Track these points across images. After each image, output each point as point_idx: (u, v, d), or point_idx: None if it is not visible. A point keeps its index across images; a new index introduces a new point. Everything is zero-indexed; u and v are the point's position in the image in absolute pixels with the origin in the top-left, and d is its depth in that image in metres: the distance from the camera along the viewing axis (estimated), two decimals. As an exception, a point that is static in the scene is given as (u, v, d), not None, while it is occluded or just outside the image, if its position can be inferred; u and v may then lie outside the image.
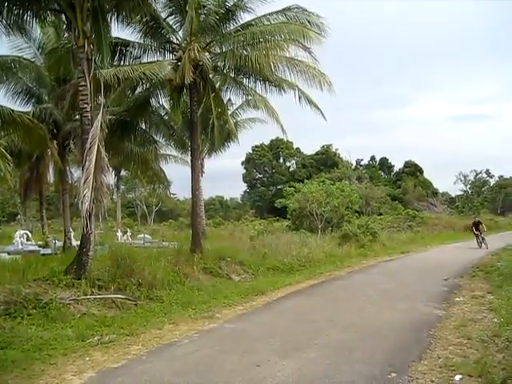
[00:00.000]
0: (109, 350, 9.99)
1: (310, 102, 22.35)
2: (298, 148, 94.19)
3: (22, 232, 34.04)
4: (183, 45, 21.23)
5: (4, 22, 16.69)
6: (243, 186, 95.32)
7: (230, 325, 12.46)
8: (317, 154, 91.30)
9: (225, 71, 22.60)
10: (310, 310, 14.27)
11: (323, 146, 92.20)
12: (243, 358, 9.26)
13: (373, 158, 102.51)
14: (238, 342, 10.60)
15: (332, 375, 8.18)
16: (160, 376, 8.26)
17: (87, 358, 9.36)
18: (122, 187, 65.06)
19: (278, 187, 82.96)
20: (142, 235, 42.45)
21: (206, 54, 21.06)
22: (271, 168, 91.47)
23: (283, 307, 15.07)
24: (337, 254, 29.64)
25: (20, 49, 24.59)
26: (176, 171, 62.33)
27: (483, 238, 37.46)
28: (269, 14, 21.22)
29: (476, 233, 38.16)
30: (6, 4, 15.96)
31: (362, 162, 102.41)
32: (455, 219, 63.78)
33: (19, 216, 55.16)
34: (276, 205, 51.19)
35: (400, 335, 11.08)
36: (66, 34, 20.07)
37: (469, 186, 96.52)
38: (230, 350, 9.90)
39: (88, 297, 13.56)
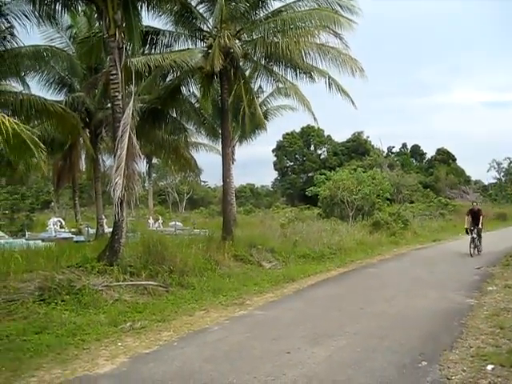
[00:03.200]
0: (140, 335, 10.10)
1: (341, 89, 22.18)
2: (329, 135, 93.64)
3: (55, 219, 34.58)
4: (213, 32, 21.20)
5: (36, 12, 16.88)
6: (274, 174, 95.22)
7: (261, 312, 12.51)
8: (348, 141, 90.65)
9: (255, 58, 22.49)
10: (340, 298, 14.26)
11: (354, 134, 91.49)
12: (273, 344, 9.30)
13: (404, 146, 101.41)
14: (268, 328, 10.64)
15: (362, 363, 8.17)
16: (191, 362, 8.33)
17: (119, 344, 9.49)
18: (154, 175, 65.50)
19: (309, 175, 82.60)
20: (174, 222, 42.75)
21: (237, 41, 20.96)
22: (302, 156, 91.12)
23: (313, 295, 15.07)
24: (368, 241, 29.50)
25: (52, 39, 24.89)
26: (207, 159, 62.65)
27: (478, 237, 25.09)
28: (299, 0, 21.07)
29: (470, 227, 25.30)
30: (38, -6, 16.12)
31: (394, 150, 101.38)
32: (488, 207, 62.91)
33: (53, 204, 55.84)
34: (307, 193, 50.90)
35: (431, 324, 11.01)
36: (97, 24, 20.19)
37: (502, 174, 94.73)
38: (260, 336, 9.94)
39: (120, 283, 13.71)
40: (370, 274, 19.74)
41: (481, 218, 25.24)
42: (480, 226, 25.09)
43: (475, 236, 24.98)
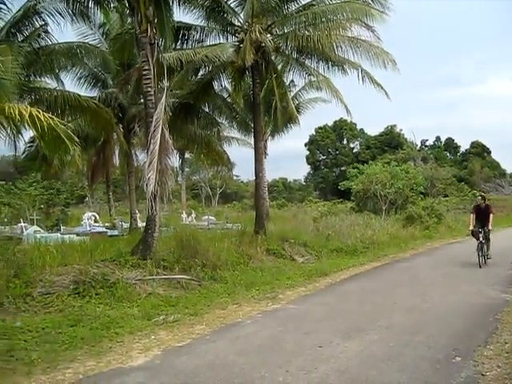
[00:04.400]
0: (173, 329, 10.17)
1: (374, 81, 22.00)
2: (361, 129, 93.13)
3: (89, 214, 34.94)
4: (245, 27, 21.19)
5: (70, 10, 17.08)
6: (307, 168, 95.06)
7: (293, 306, 12.51)
8: (381, 134, 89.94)
9: (287, 52, 22.46)
10: (373, 292, 14.17)
11: (387, 127, 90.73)
12: (305, 338, 9.29)
13: (438, 139, 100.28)
14: (301, 322, 10.63)
15: (395, 358, 8.11)
16: (223, 355, 8.36)
17: (153, 337, 9.57)
18: (187, 169, 65.82)
19: (342, 169, 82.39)
20: (206, 217, 42.94)
21: (268, 35, 20.92)
22: (335, 149, 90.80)
23: (346, 289, 15.02)
24: (401, 235, 29.32)
25: (85, 36, 25.13)
26: (239, 153, 62.72)
27: (486, 240, 19.56)
28: (330, -7, 20.97)
29: (477, 229, 19.51)
30: (71, -8, 16.31)
31: (427, 143, 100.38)
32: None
33: (87, 198, 56.45)
34: (340, 187, 50.74)
35: (465, 319, 10.87)
36: (129, 20, 20.34)
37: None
38: (293, 330, 9.94)
39: (153, 277, 13.83)
40: (403, 268, 19.61)
41: (490, 216, 19.28)
42: (490, 226, 19.17)
43: (483, 240, 19.12)
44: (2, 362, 7.98)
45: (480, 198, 20.93)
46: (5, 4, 20.28)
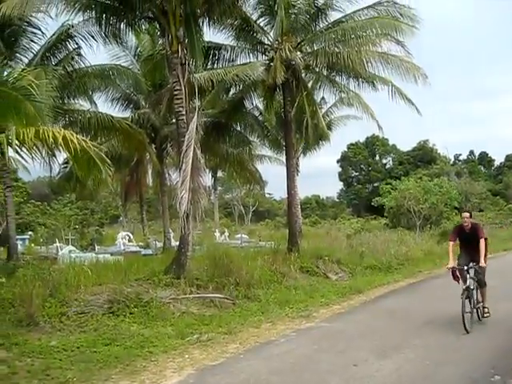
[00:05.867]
0: (207, 348, 10.15)
1: (405, 97, 21.91)
2: (393, 144, 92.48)
3: (123, 233, 35.26)
4: (275, 45, 21.29)
5: (102, 33, 17.39)
6: (339, 185, 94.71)
7: (327, 324, 12.41)
8: (413, 150, 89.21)
9: (317, 69, 22.50)
10: (408, 310, 13.99)
11: (420, 142, 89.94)
12: (340, 357, 9.19)
13: (472, 153, 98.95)
14: (335, 341, 10.53)
15: (432, 377, 7.99)
16: (257, 374, 8.31)
17: (186, 356, 9.56)
18: (219, 188, 66.06)
19: (375, 185, 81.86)
20: (240, 235, 42.98)
21: (298, 53, 21.03)
22: (367, 166, 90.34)
23: (381, 306, 14.85)
24: (436, 251, 28.90)
25: (118, 57, 25.58)
26: (271, 171, 62.73)
27: (479, 285, 11.90)
28: (359, 10, 20.98)
29: (461, 264, 11.76)
30: (104, 15, 16.58)
31: (461, 157, 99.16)
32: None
33: (121, 218, 57.01)
34: (373, 203, 50.45)
35: (503, 337, 10.68)
36: (160, 41, 20.61)
37: None
38: (327, 349, 9.84)
39: (187, 296, 13.84)
40: (439, 284, 19.27)
41: (482, 243, 11.57)
42: (482, 261, 11.37)
43: (472, 286, 11.50)
44: (38, 381, 8.06)
45: (466, 214, 11.98)
46: (40, 29, 20.82)
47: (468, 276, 11.45)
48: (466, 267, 11.52)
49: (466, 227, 11.81)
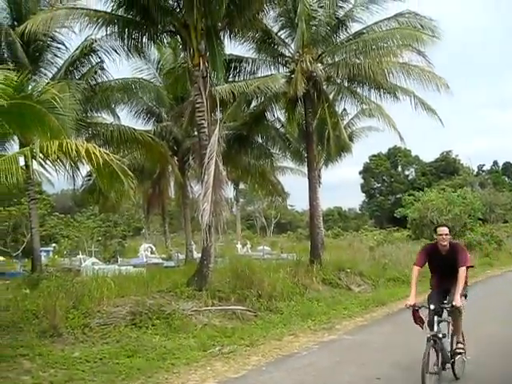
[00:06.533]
0: (229, 360, 10.14)
1: (427, 107, 21.81)
2: (416, 155, 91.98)
3: (146, 246, 35.43)
4: (295, 57, 21.33)
5: (125, 47, 17.58)
6: (362, 196, 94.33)
7: (350, 336, 12.34)
8: (436, 160, 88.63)
9: (338, 81, 22.50)
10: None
11: (442, 153, 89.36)
12: (363, 370, 9.12)
13: (495, 163, 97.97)
14: (358, 353, 10.46)
15: None
16: (279, 387, 8.30)
17: (208, 368, 9.56)
18: (241, 200, 66.13)
19: (397, 196, 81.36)
20: (262, 247, 42.93)
21: (319, 64, 21.05)
22: (389, 177, 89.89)
23: (404, 319, 14.56)
24: (460, 263, 28.59)
25: (140, 70, 25.82)
26: (293, 183, 62.64)
27: (455, 331, 8.64)
28: (380, 21, 21.02)
29: (417, 305, 8.07)
30: (126, 30, 16.77)
31: (484, 168, 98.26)
32: None
33: (143, 230, 57.33)
34: (395, 214, 50.20)
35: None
36: (182, 54, 20.76)
37: None
38: (350, 361, 9.78)
39: (209, 308, 13.85)
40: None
41: (461, 271, 8.14)
42: (457, 298, 7.89)
43: (441, 332, 8.00)
44: (61, 393, 8.11)
45: (444, 229, 8.44)
46: (63, 44, 21.13)
47: (436, 320, 7.89)
48: (433, 307, 7.91)
49: (443, 248, 8.31)
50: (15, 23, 20.78)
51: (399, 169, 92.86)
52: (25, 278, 19.23)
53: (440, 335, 7.95)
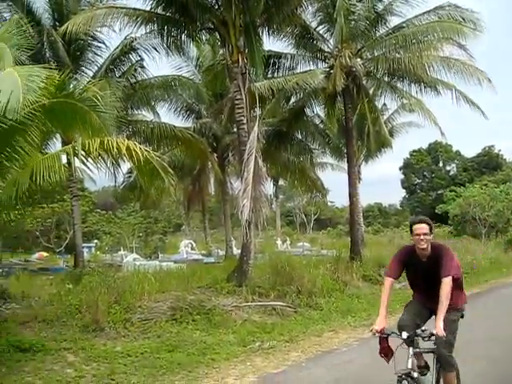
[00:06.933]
0: (269, 355, 10.16)
1: (469, 101, 21.51)
2: (457, 151, 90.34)
3: (186, 242, 35.68)
4: (334, 52, 21.25)
5: (164, 44, 17.74)
6: (402, 192, 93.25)
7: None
8: (478, 156, 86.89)
9: (378, 76, 22.35)
10: (472, 321, 13.51)
11: (485, 148, 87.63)
12: (404, 367, 9.01)
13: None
14: (399, 350, 10.35)
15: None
16: (319, 383, 8.27)
17: (248, 363, 9.59)
18: (281, 196, 66.14)
19: (438, 192, 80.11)
20: (301, 243, 42.87)
21: (358, 59, 20.94)
22: (430, 172, 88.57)
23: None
24: (503, 260, 28.18)
25: (179, 68, 25.93)
26: (333, 179, 62.40)
27: (438, 362, 6.33)
28: (420, 15, 20.80)
29: (384, 330, 5.99)
30: (165, 28, 16.92)
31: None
32: None
33: (184, 227, 57.64)
34: (437, 210, 49.55)
35: None
36: (220, 51, 20.86)
37: None
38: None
39: (249, 304, 13.89)
40: (505, 295, 18.79)
41: (445, 283, 5.75)
42: (440, 324, 5.61)
43: (416, 370, 5.93)
44: (104, 386, 8.25)
45: (421, 226, 6.00)
46: (104, 43, 21.42)
47: (411, 352, 5.80)
48: (405, 335, 5.76)
49: (422, 253, 6.03)
50: (57, 23, 21.16)
51: (440, 164, 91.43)
52: (68, 273, 19.60)
53: (415, 374, 5.75)
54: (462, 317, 6.39)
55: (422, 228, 5.94)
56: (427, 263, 6.02)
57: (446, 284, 5.72)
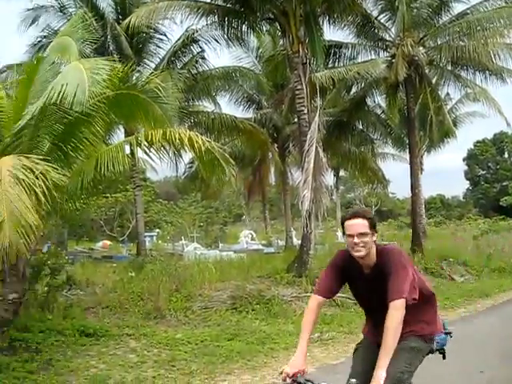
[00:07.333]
0: (328, 347, 10.16)
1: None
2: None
3: (246, 232, 35.88)
4: (396, 41, 20.94)
5: (225, 35, 17.87)
6: (465, 184, 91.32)
7: (452, 327, 11.98)
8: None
9: (441, 65, 21.95)
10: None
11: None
12: (466, 364, 8.82)
13: None
14: (460, 346, 10.14)
15: None
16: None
17: (307, 354, 9.57)
18: (341, 187, 65.72)
19: (503, 184, 78.15)
20: (360, 235, 42.46)
21: (420, 48, 20.61)
22: (495, 164, 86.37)
23: (510, 311, 14.22)
24: None
25: (239, 59, 26.06)
26: (394, 170, 61.62)
27: None
28: (485, 1, 20.25)
29: (292, 375, 3.71)
30: (226, 19, 17.05)
31: None
32: None
33: (244, 217, 57.98)
34: (501, 203, 48.49)
35: None
36: (281, 41, 20.85)
37: None
38: (452, 352, 9.50)
39: (308, 294, 13.84)
40: None
41: (392, 308, 3.65)
42: (380, 374, 3.49)
43: None
44: (165, 371, 8.42)
45: (356, 222, 3.88)
46: (165, 35, 21.73)
47: None
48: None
49: (364, 262, 4.01)
50: (120, 17, 21.63)
51: (505, 155, 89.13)
52: (130, 261, 19.99)
53: None
54: (432, 352, 4.53)
55: (357, 225, 3.84)
56: (372, 276, 3.94)
57: (395, 311, 3.63)
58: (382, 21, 21.80)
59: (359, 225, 3.84)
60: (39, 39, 21.46)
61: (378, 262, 3.91)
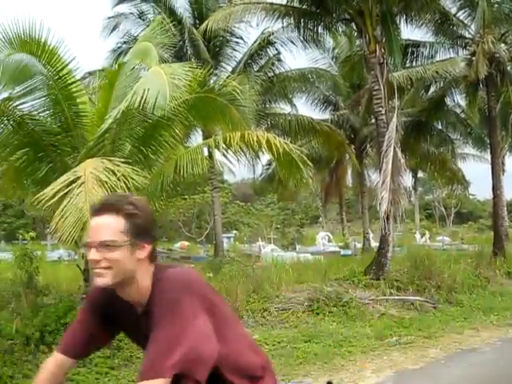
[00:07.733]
0: (406, 351, 9.99)
1: None
2: None
3: (323, 234, 35.84)
4: (476, 38, 20.39)
5: (301, 37, 17.92)
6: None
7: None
8: None
9: (526, 61, 21.29)
10: None
11: None
12: None
13: None
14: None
15: None
16: (458, 382, 8.04)
17: (385, 357, 9.49)
18: (420, 189, 64.56)
19: None
20: (441, 237, 41.70)
21: (502, 45, 20.08)
22: None
23: None
24: None
25: (315, 60, 26.03)
26: (475, 170, 60.08)
27: None
28: None
29: None
30: (302, 21, 17.08)
31: None
32: None
33: (320, 219, 57.86)
34: None
35: None
36: (357, 42, 20.73)
37: None
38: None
39: (386, 297, 13.74)
40: None
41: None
42: None
43: None
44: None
45: (100, 222, 2.15)
46: (242, 38, 22.00)
47: None
48: None
49: (120, 293, 2.27)
50: (197, 22, 22.04)
51: None
52: (208, 262, 20.31)
53: None
54: None
55: (101, 228, 2.16)
56: (148, 320, 2.15)
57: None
58: (460, 18, 21.29)
59: (104, 227, 2.15)
60: (119, 45, 22.23)
61: (151, 298, 2.21)
